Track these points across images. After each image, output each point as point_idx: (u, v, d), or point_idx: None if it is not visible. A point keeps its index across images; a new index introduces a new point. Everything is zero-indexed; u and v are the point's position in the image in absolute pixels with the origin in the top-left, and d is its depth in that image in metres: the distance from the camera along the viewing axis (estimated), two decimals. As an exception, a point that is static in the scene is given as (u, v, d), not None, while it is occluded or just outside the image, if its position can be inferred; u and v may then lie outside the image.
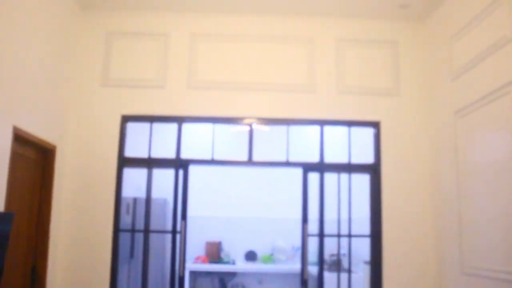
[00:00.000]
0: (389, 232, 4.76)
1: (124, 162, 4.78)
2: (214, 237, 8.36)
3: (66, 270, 4.60)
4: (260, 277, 8.35)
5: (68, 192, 4.68)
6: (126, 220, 7.24)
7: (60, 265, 4.57)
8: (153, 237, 5.48)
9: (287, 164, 4.98)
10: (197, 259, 7.94)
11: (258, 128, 6.10)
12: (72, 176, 4.71)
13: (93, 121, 4.83)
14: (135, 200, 7.43)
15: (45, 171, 4.40)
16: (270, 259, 8.17)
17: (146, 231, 4.79)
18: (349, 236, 4.84)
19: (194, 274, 8.14)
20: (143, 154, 4.85)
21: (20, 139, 3.80)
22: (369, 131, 5.00)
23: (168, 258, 7.42)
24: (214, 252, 8.15)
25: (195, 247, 8.22)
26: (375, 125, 4.94)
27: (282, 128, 5.11)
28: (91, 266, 4.63)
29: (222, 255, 8.11)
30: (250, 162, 4.94)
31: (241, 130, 6.54)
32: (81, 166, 4.74)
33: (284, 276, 8.26)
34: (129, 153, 4.87)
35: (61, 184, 4.59)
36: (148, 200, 4.80)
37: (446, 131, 4.55)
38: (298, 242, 7.84)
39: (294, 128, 5.13)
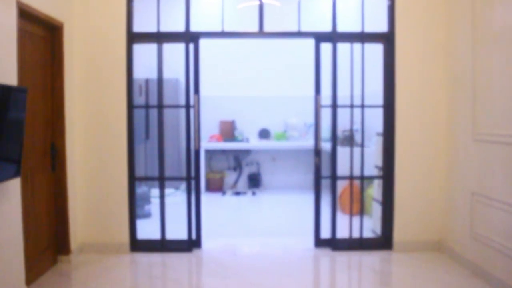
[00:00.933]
0: (402, 102, 4.75)
1: (133, 37, 4.69)
2: (227, 116, 8.47)
3: (84, 146, 4.71)
4: (274, 154, 8.58)
5: (79, 70, 4.66)
6: (139, 102, 7.32)
7: (78, 142, 4.68)
8: (167, 117, 5.50)
9: (299, 34, 4.85)
10: (211, 138, 8.11)
11: (268, 2, 5.90)
12: (82, 54, 4.66)
13: (98, -4, 4.69)
14: (147, 81, 7.47)
15: (54, 49, 4.35)
16: (283, 136, 8.32)
17: (160, 106, 4.82)
18: (362, 106, 4.84)
19: (209, 153, 8.37)
20: (152, 29, 4.74)
21: (25, 14, 3.71)
22: (384, -1, 4.81)
23: (183, 137, 7.59)
24: (228, 131, 8.31)
25: (209, 126, 8.38)
26: (390, -9, 4.73)
27: (293, -2, 4.91)
28: (108, 143, 4.73)
29: (236, 133, 8.27)
30: (261, 33, 4.82)
31: (250, 4, 6.36)
32: (90, 43, 4.67)
33: (297, 152, 8.47)
34: (137, 28, 4.76)
35: (71, 63, 4.55)
36: (160, 76, 4.78)
37: (464, -5, 4.36)
38: (310, 119, 7.95)
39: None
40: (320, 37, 4.79)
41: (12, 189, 3.38)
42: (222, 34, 4.87)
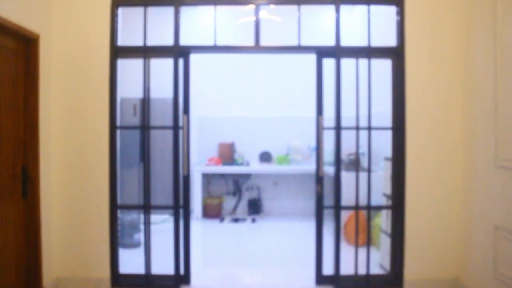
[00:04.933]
0: (414, 124, 4.29)
1: (117, 51, 4.28)
2: (226, 138, 8.03)
3: (61, 170, 4.28)
4: (275, 178, 8.09)
5: (57, 87, 4.25)
6: (133, 122, 6.91)
7: (54, 166, 4.24)
8: (162, 138, 5.09)
9: (299, 48, 4.41)
10: (209, 161, 7.66)
11: (267, 17, 5.52)
12: (60, 69, 4.26)
13: (81, 6, 4.29)
14: (142, 100, 7.04)
15: (28, 63, 3.93)
16: (285, 159, 7.86)
17: (145, 127, 4.38)
18: (369, 128, 4.37)
19: (207, 177, 7.91)
20: (138, 43, 4.33)
21: (-7, 25, 3.32)
22: (392, 9, 4.37)
23: (178, 160, 7.16)
24: (227, 154, 7.87)
25: (207, 149, 7.98)
26: (399, 1, 4.30)
27: (293, 8, 4.48)
28: (88, 167, 4.30)
29: (236, 156, 7.82)
30: (257, 47, 4.38)
31: (247, 20, 5.97)
32: (69, 57, 4.27)
33: (300, 177, 7.99)
34: (122, 42, 4.37)
35: (48, 78, 4.14)
36: (146, 94, 4.35)
37: (482, 5, 3.91)
38: (314, 142, 7.48)
39: (306, 8, 4.50)
40: (322, 52, 4.35)
41: (-36, 220, 2.94)
42: (215, 48, 4.43)
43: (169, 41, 4.33)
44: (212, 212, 7.70)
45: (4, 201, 3.63)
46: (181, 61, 4.34)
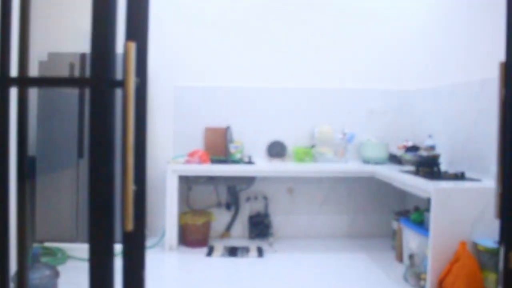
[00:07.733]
0: None
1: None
2: (217, 120, 5.31)
3: None
4: (291, 183, 5.38)
5: None
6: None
7: None
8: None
9: None
10: (191, 157, 4.88)
11: None
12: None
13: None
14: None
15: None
16: (307, 154, 5.16)
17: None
18: None
19: (187, 181, 5.13)
20: None
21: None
22: None
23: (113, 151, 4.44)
24: (219, 145, 5.15)
25: (186, 137, 5.26)
26: None
27: None
28: None
29: (231, 148, 5.11)
30: None
31: None
32: None
33: (331, 182, 5.32)
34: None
35: None
36: None
37: None
38: (353, 127, 5.01)
39: None
40: None
41: None
42: None
43: None
44: (194, 237, 4.93)
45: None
46: None
